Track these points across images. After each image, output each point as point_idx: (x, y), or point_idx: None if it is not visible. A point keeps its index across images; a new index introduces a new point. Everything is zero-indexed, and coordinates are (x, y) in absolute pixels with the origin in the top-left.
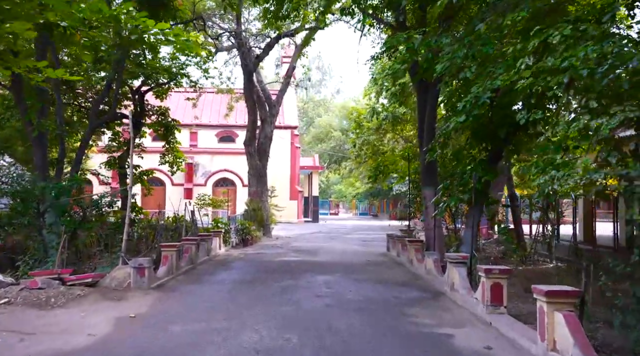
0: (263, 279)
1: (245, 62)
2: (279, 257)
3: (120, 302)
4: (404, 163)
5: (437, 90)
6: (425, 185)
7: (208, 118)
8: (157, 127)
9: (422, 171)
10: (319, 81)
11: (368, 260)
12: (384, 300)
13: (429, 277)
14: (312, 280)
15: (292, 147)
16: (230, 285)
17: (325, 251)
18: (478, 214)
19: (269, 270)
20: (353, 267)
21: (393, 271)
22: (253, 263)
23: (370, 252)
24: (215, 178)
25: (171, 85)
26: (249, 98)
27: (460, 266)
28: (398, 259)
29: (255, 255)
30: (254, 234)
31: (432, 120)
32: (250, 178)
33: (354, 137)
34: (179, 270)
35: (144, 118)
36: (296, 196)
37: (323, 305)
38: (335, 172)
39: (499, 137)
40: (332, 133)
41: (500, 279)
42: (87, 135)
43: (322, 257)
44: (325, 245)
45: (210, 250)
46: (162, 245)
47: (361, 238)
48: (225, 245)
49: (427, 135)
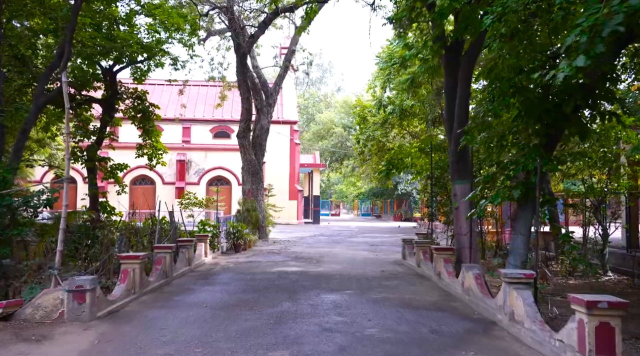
0: (252, 301)
1: (237, 41)
2: (276, 266)
3: (40, 346)
4: (422, 157)
5: (471, 61)
6: (456, 180)
7: (202, 113)
8: (132, 112)
9: (452, 162)
10: (319, 79)
11: (383, 271)
12: (420, 338)
13: (469, 298)
14: (316, 301)
15: (291, 143)
16: (208, 311)
17: (330, 258)
18: (531, 215)
19: (262, 285)
20: (367, 281)
21: (418, 288)
22: (243, 276)
23: (382, 259)
24: (209, 177)
25: (151, 67)
26: (243, 85)
27: (523, 287)
28: (419, 270)
29: (248, 263)
30: (248, 238)
31: (465, 98)
32: (244, 174)
33: (357, 133)
34: (144, 287)
35: (117, 103)
36: (296, 196)
37: (335, 347)
38: (337, 171)
39: (560, 114)
40: (334, 129)
41: (611, 317)
42: (30, 117)
43: (327, 267)
44: (330, 251)
45: (191, 259)
46: (121, 256)
47: (368, 242)
48: (214, 252)
49: (459, 117)
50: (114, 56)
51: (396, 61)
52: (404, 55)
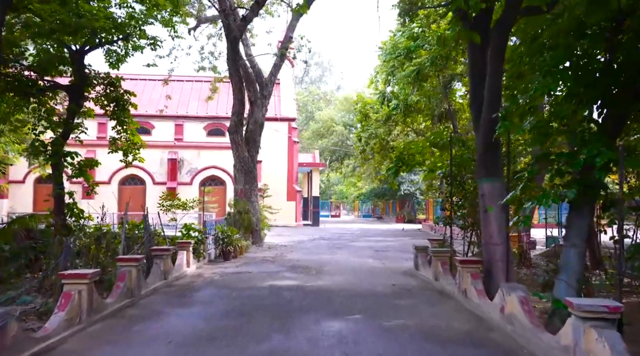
0: (233, 332)
1: (227, 23)
2: (268, 278)
3: None
4: (435, 152)
5: (504, 30)
6: (484, 177)
7: (195, 109)
8: (104, 101)
9: (479, 155)
10: (318, 77)
11: (394, 285)
12: None
13: (512, 329)
14: (315, 333)
15: (289, 141)
16: (171, 350)
17: (332, 268)
18: (587, 222)
19: (248, 306)
20: (376, 300)
21: (440, 310)
22: (228, 292)
23: (391, 269)
24: (202, 176)
25: (129, 51)
26: (234, 74)
27: (604, 326)
28: (437, 285)
29: (236, 275)
30: (239, 244)
31: (496, 77)
32: (236, 173)
33: (358, 130)
34: (98, 312)
35: (87, 90)
36: (294, 196)
37: None
38: (337, 171)
39: (629, 93)
40: (334, 127)
41: None
42: None
43: (329, 279)
44: (331, 258)
45: (168, 271)
46: (64, 275)
47: (373, 247)
48: (199, 260)
49: (490, 101)
50: (81, 35)
51: (400, 52)
52: (409, 46)
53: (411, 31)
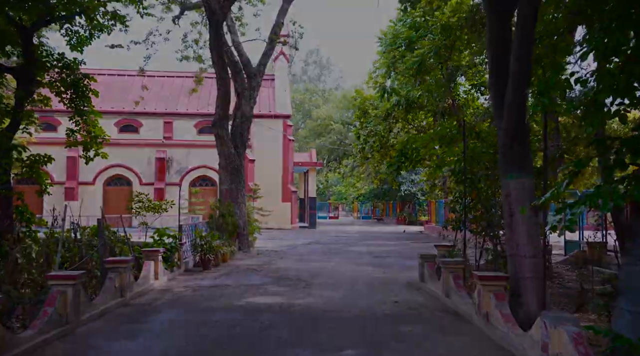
0: None
1: (209, 5)
2: (247, 294)
3: None
4: (442, 147)
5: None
6: (510, 173)
7: (185, 107)
8: (59, 86)
9: (503, 145)
10: (317, 76)
11: (396, 302)
12: None
13: None
14: None
15: (284, 139)
16: None
17: (325, 279)
18: None
19: (212, 338)
20: (375, 325)
21: (457, 342)
22: (193, 316)
23: (392, 280)
24: (192, 176)
25: (94, 33)
26: (218, 61)
27: None
28: (449, 303)
29: (210, 290)
30: (221, 250)
31: (526, 47)
32: (221, 172)
33: (357, 128)
34: (7, 351)
35: (40, 74)
36: (289, 197)
37: None
38: (335, 171)
39: None
40: (332, 125)
41: None
42: None
43: (319, 295)
44: (324, 266)
45: (126, 286)
46: None
47: (372, 253)
48: (172, 271)
49: (518, 75)
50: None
51: (401, 43)
52: (411, 36)
53: (413, 20)
